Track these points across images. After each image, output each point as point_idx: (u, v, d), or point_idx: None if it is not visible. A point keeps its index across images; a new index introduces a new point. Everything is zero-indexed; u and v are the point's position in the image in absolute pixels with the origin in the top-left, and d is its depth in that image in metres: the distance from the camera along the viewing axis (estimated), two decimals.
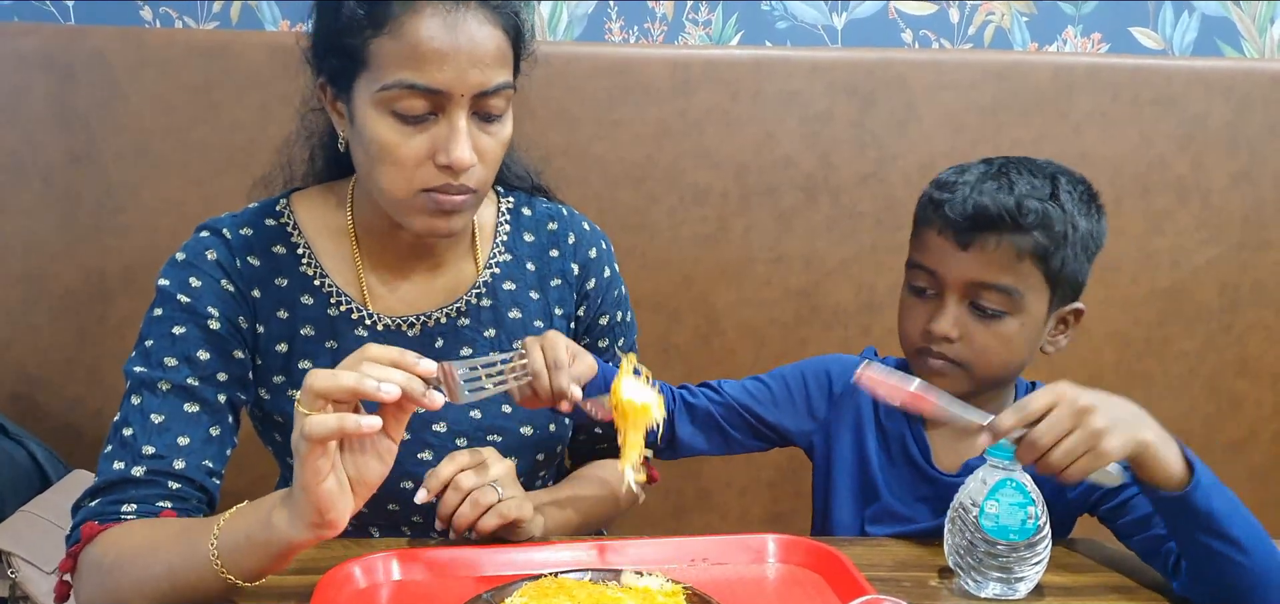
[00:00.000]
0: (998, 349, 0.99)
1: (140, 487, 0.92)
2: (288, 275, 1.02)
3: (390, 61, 0.89)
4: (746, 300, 1.70)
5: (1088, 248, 1.01)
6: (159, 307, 0.98)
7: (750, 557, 0.95)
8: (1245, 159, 1.68)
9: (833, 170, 1.67)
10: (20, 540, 1.38)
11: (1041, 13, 1.74)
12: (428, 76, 0.88)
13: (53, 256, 1.62)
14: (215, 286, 0.99)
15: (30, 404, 1.65)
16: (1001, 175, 1.00)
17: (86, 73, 1.58)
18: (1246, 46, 1.76)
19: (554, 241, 1.12)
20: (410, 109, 0.90)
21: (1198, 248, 1.71)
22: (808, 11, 1.73)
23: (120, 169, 1.61)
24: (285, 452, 1.06)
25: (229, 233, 1.01)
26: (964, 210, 0.97)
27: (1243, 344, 1.74)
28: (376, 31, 0.89)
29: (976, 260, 0.98)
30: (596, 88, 1.62)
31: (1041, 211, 0.97)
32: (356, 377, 0.75)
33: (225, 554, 0.81)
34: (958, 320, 0.99)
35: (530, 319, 1.09)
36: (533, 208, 1.13)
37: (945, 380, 1.01)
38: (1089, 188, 1.03)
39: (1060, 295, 1.01)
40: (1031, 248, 0.97)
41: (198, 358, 0.96)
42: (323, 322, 1.02)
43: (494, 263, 1.09)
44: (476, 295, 1.07)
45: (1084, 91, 1.66)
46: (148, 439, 0.93)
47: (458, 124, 0.90)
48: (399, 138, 0.91)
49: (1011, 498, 0.88)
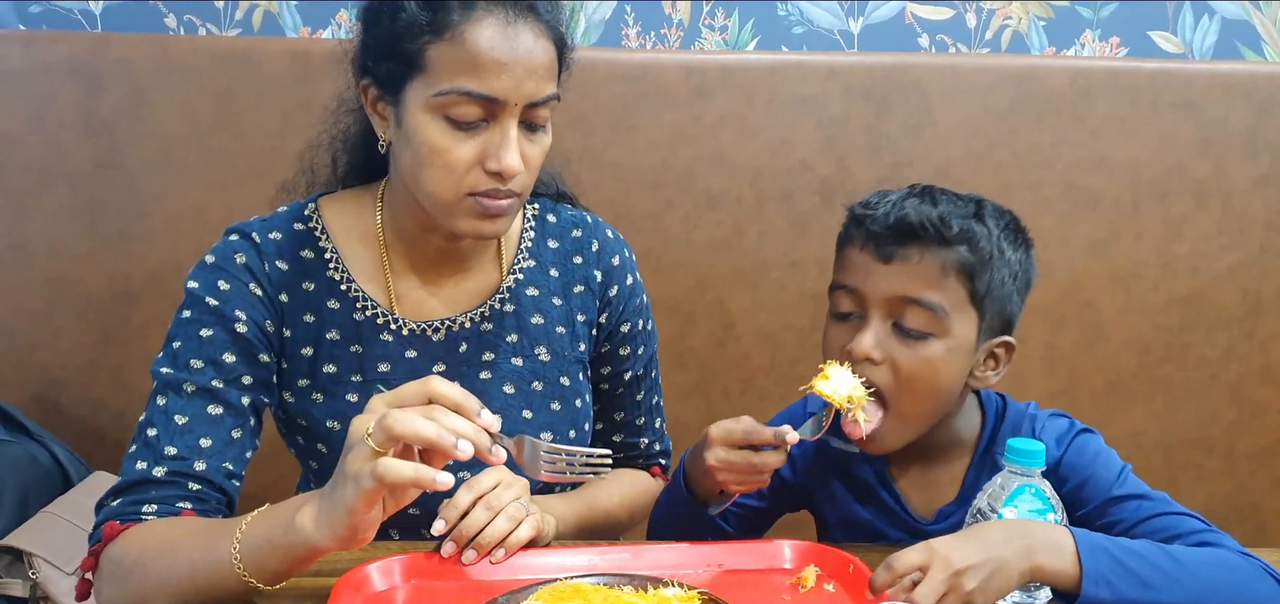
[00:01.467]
0: (923, 375, 0.94)
1: (161, 487, 0.93)
2: (315, 279, 1.03)
3: (448, 68, 0.91)
4: (761, 305, 1.70)
5: (1016, 278, 0.97)
6: (187, 308, 0.99)
7: (765, 562, 0.95)
8: (1267, 163, 1.67)
9: (848, 175, 1.66)
10: (42, 541, 1.40)
11: (1059, 17, 1.73)
12: (485, 85, 0.91)
13: (77, 261, 1.65)
14: (243, 290, 0.99)
15: (54, 406, 1.68)
16: (926, 194, 0.97)
17: (112, 80, 1.60)
18: (1267, 50, 1.74)
19: (578, 248, 1.12)
20: (464, 115, 0.92)
21: (1218, 253, 1.69)
22: (823, 16, 1.72)
23: (144, 175, 1.63)
24: (308, 454, 1.07)
25: (258, 237, 1.02)
26: (887, 223, 0.94)
27: (1266, 351, 1.72)
28: (436, 37, 0.91)
29: (900, 274, 0.94)
30: (613, 93, 1.63)
31: (966, 227, 0.94)
32: (436, 430, 0.75)
33: (246, 556, 0.81)
34: (880, 341, 0.95)
35: (552, 325, 1.10)
36: (558, 214, 1.14)
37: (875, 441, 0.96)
38: (1016, 221, 1.00)
39: (989, 324, 0.96)
40: (956, 263, 0.94)
41: (223, 360, 0.97)
42: (348, 326, 1.03)
43: (518, 269, 1.09)
44: (500, 301, 1.08)
45: (1102, 96, 1.65)
46: (170, 440, 0.94)
47: (509, 132, 0.93)
48: (451, 142, 0.93)
49: (1031, 504, 0.88)
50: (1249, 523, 1.77)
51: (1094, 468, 0.98)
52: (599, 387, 1.17)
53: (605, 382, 1.16)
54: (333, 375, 1.02)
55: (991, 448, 1.02)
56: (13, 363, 1.66)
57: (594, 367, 1.15)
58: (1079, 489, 0.97)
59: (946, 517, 1.03)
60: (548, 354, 1.09)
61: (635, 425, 1.20)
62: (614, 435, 1.20)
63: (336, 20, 1.71)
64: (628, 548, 0.96)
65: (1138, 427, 1.74)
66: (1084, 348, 1.71)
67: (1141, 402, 1.73)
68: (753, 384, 1.71)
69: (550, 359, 1.09)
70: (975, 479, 1.02)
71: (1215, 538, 0.91)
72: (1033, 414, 1.04)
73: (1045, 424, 1.02)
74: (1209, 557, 0.87)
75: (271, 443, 1.13)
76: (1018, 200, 1.65)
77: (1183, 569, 0.84)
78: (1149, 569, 0.84)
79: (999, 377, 1.00)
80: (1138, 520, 0.93)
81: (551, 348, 1.09)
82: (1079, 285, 1.70)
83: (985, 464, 1.02)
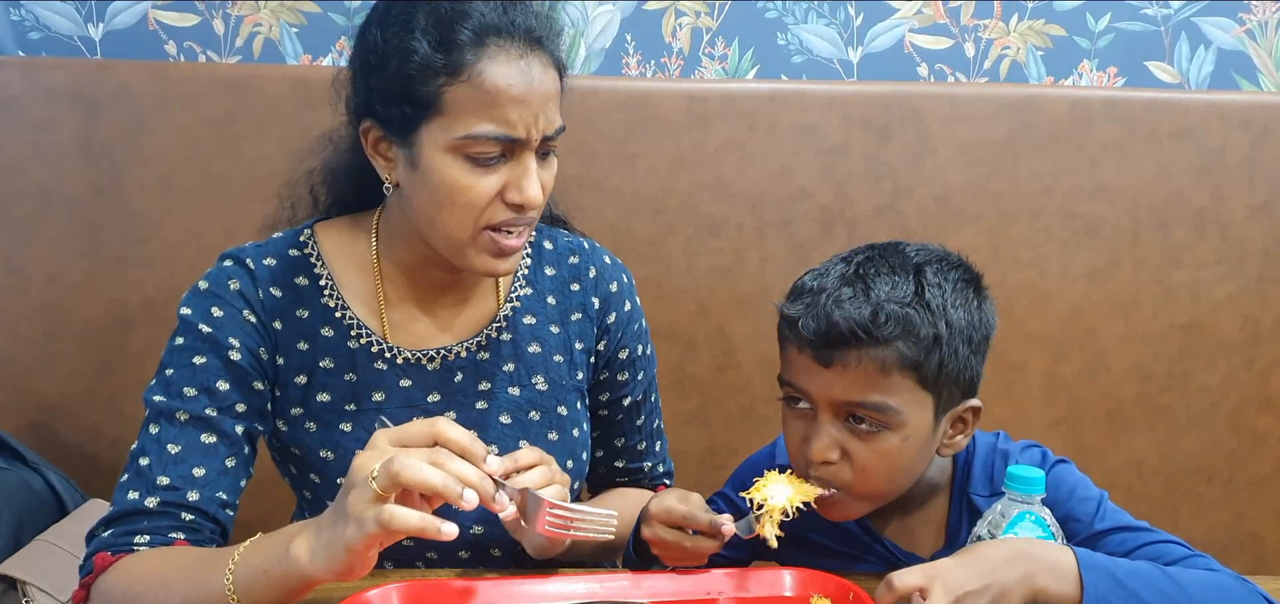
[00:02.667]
0: (881, 466, 0.91)
1: (153, 517, 0.92)
2: (309, 307, 1.02)
3: (467, 109, 0.91)
4: (762, 332, 1.70)
5: (972, 341, 0.91)
6: (181, 336, 0.98)
7: (766, 590, 0.94)
8: (1264, 192, 1.68)
9: (848, 203, 1.67)
10: (35, 569, 1.38)
11: (1057, 47, 1.75)
12: (508, 126, 0.91)
13: (75, 287, 1.64)
14: (237, 317, 0.99)
15: (49, 432, 1.66)
16: (858, 279, 0.91)
17: (112, 106, 1.61)
18: (1263, 80, 1.76)
19: (575, 275, 1.11)
20: (486, 153, 0.92)
21: (1218, 281, 1.69)
22: (823, 46, 1.74)
23: (143, 201, 1.63)
24: (302, 484, 1.06)
25: (253, 262, 1.01)
26: (817, 328, 0.89)
27: (1266, 380, 1.72)
28: (452, 79, 0.90)
29: (840, 378, 0.89)
30: (614, 121, 1.64)
31: (901, 318, 0.87)
32: (443, 480, 0.75)
33: (240, 586, 0.81)
34: (834, 441, 0.91)
35: (550, 353, 1.09)
36: (554, 241, 1.13)
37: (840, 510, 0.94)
38: (965, 271, 0.94)
39: (947, 398, 0.92)
40: (898, 360, 0.88)
41: (217, 388, 0.96)
42: (343, 354, 1.02)
43: (515, 297, 1.09)
44: (497, 329, 1.07)
45: (1101, 124, 1.66)
46: (163, 469, 0.93)
47: (529, 165, 0.93)
48: (473, 180, 0.92)
49: (1031, 532, 0.87)
50: (1249, 552, 1.76)
51: (1071, 503, 0.95)
52: (598, 413, 1.16)
53: (605, 408, 1.16)
54: (326, 404, 1.02)
55: (966, 486, 1.00)
56: (8, 389, 1.65)
57: (593, 393, 1.15)
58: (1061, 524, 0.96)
59: None
60: (545, 383, 1.08)
61: (636, 450, 1.19)
62: (616, 461, 1.19)
63: (337, 47, 1.72)
64: (628, 576, 0.95)
65: (1139, 455, 1.73)
66: (1085, 376, 1.71)
67: (1143, 430, 1.73)
68: (753, 411, 1.70)
69: (547, 388, 1.08)
70: (958, 518, 1.00)
71: (1201, 562, 0.90)
72: (1004, 450, 1.01)
73: (1017, 458, 0.99)
74: (1207, 580, 0.86)
75: (267, 471, 1.12)
76: (1018, 228, 1.67)
77: (1182, 592, 0.83)
78: (1150, 591, 0.83)
79: (967, 438, 0.97)
80: (1123, 553, 0.91)
81: (548, 377, 1.08)
82: (1079, 313, 1.70)
83: (963, 503, 1.00)
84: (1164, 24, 1.74)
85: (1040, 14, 1.74)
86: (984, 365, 0.95)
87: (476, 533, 1.06)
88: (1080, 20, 1.73)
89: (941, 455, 0.97)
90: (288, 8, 1.71)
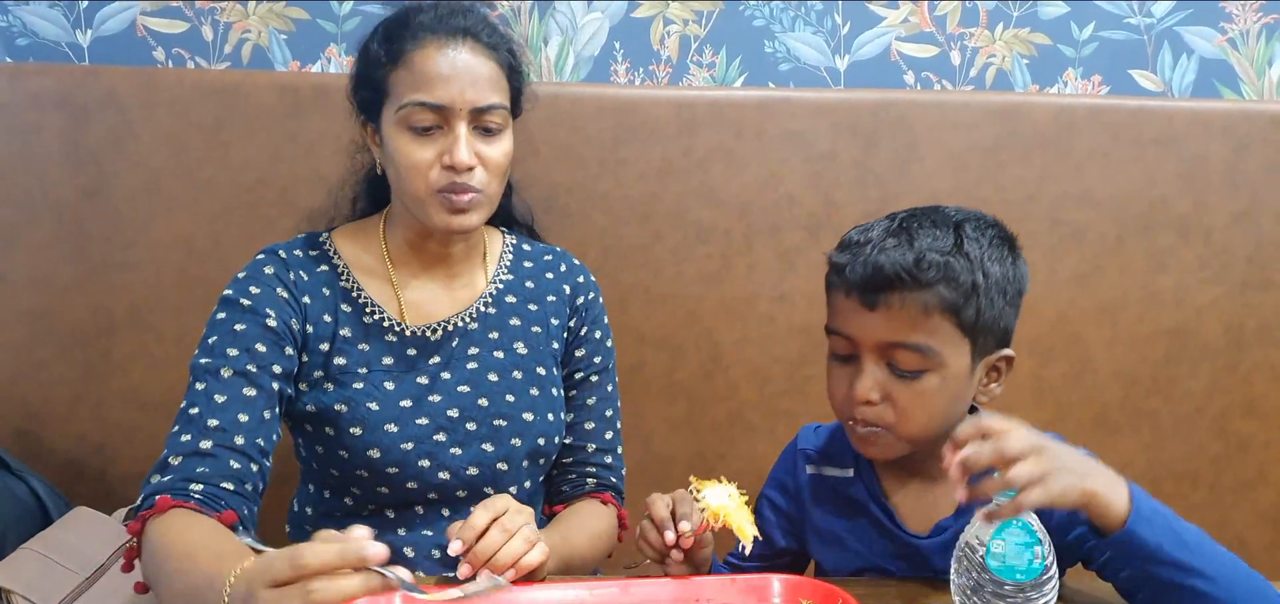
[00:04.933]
0: (922, 407, 0.97)
1: (206, 459, 1.03)
2: (331, 288, 1.19)
3: (404, 87, 1.11)
4: (750, 338, 1.70)
5: (1006, 292, 0.99)
6: (222, 311, 1.14)
7: (754, 597, 0.94)
8: (1246, 199, 1.69)
9: (836, 209, 1.67)
10: (20, 577, 1.37)
11: (1042, 55, 1.76)
12: (433, 94, 1.10)
13: (61, 293, 1.63)
14: (272, 294, 1.15)
15: (34, 440, 1.65)
16: (902, 232, 0.98)
17: (99, 112, 1.60)
18: (1245, 88, 1.77)
19: (549, 268, 1.32)
20: (420, 121, 1.11)
21: (1201, 286, 1.71)
22: (810, 53, 1.75)
23: (130, 207, 1.62)
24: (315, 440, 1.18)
25: (284, 253, 1.19)
26: (864, 273, 0.96)
27: (1249, 384, 1.73)
28: (394, 65, 1.13)
29: (885, 321, 0.96)
30: (602, 127, 1.64)
31: (942, 265, 0.95)
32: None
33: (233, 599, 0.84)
34: (877, 382, 0.98)
35: (529, 325, 1.26)
36: (532, 246, 1.33)
37: (878, 446, 1.00)
38: (1001, 231, 1.01)
39: (982, 345, 0.99)
40: (939, 303, 0.95)
41: (257, 349, 1.11)
42: (358, 327, 1.18)
43: (498, 280, 1.27)
44: (484, 304, 1.25)
45: (1085, 132, 1.68)
46: (212, 414, 1.06)
47: (458, 132, 1.11)
48: (414, 147, 1.11)
49: (1018, 537, 0.88)
50: None
51: None
52: (568, 392, 1.29)
53: (574, 387, 1.29)
54: (342, 366, 1.17)
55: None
56: None
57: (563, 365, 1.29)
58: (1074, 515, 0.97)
59: (942, 531, 1.03)
60: (525, 348, 1.24)
61: (585, 429, 1.28)
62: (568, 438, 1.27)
63: (326, 54, 1.72)
64: (616, 583, 0.95)
65: (1125, 459, 1.74)
66: (1071, 380, 1.72)
67: (1128, 434, 1.74)
68: (741, 417, 1.71)
69: (527, 352, 1.24)
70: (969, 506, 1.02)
71: None
72: None
73: None
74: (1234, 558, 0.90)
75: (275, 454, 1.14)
76: None
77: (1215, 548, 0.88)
78: (1185, 529, 0.88)
79: (1001, 388, 1.03)
80: None
81: (528, 343, 1.25)
82: (1065, 318, 1.71)
83: None
84: (1147, 33, 1.76)
85: (1025, 23, 1.75)
86: (1016, 320, 1.02)
87: None
88: (1065, 29, 1.75)
89: (977, 404, 1.02)
90: (276, 14, 1.71)
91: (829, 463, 1.12)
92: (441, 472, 1.17)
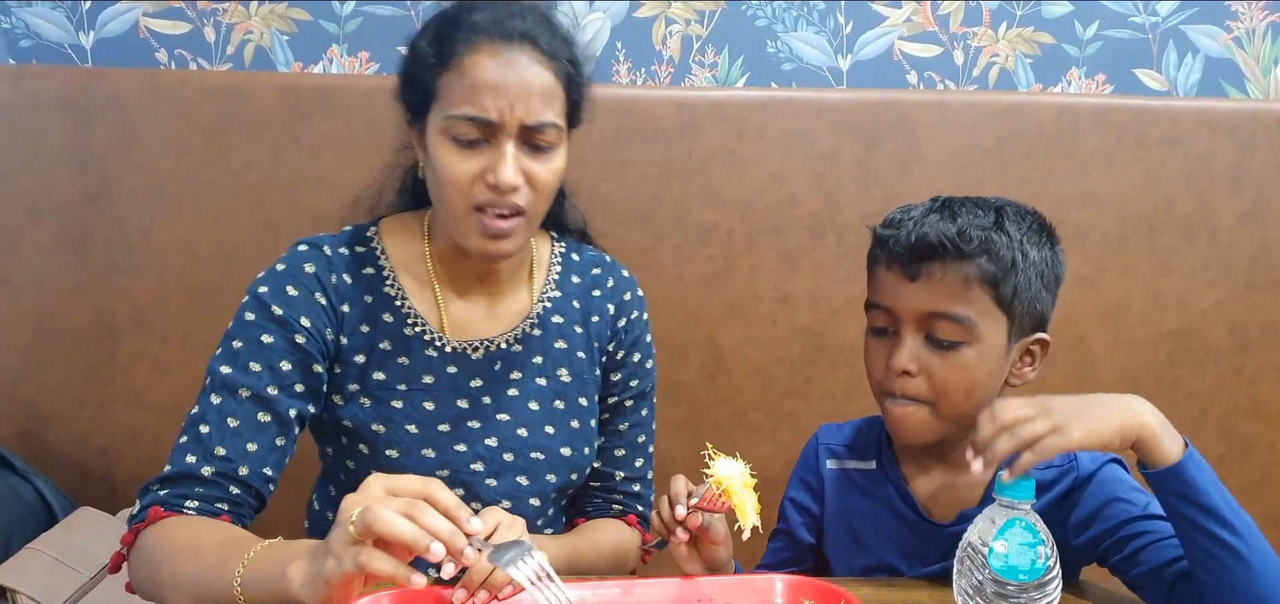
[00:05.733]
0: (958, 381, 0.99)
1: (206, 484, 1.00)
2: (373, 294, 1.12)
3: (453, 94, 1.02)
4: (752, 339, 1.70)
5: (1044, 277, 1.01)
6: (251, 311, 1.06)
7: (757, 597, 0.94)
8: (1251, 199, 1.69)
9: (838, 210, 1.67)
10: (24, 578, 1.38)
11: (1045, 54, 1.75)
12: (482, 108, 1.01)
13: (64, 295, 1.64)
14: (309, 299, 1.07)
15: (38, 441, 1.66)
16: (945, 209, 1.02)
17: (102, 114, 1.60)
18: (1250, 87, 1.77)
19: (597, 283, 1.22)
20: (466, 134, 1.02)
21: (1206, 287, 1.70)
22: (812, 53, 1.74)
23: (133, 209, 1.63)
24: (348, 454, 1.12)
25: (329, 250, 1.11)
26: (908, 242, 0.99)
27: (1254, 386, 1.73)
28: (444, 68, 1.03)
29: (926, 290, 0.99)
30: (603, 128, 1.64)
31: (985, 238, 0.98)
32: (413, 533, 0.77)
33: (247, 586, 0.86)
34: (915, 354, 1.00)
35: (574, 350, 1.18)
36: (581, 254, 1.24)
37: (914, 425, 1.02)
38: (1040, 219, 1.04)
39: (1019, 325, 1.01)
40: (979, 275, 0.98)
41: (280, 368, 1.05)
42: (398, 338, 1.11)
43: (546, 297, 1.19)
44: (530, 325, 1.17)
45: (1089, 131, 1.67)
46: (221, 440, 1.01)
47: (505, 150, 1.01)
48: (457, 160, 1.02)
49: (1021, 537, 0.87)
50: None
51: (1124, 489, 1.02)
52: (601, 415, 1.22)
53: (608, 411, 1.22)
54: (381, 382, 1.10)
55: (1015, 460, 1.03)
56: None
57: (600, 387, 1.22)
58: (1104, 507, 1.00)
59: (967, 519, 1.03)
60: (569, 376, 1.17)
61: (615, 456, 1.22)
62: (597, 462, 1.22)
63: (328, 55, 1.72)
64: (619, 584, 0.95)
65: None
66: (1075, 382, 1.71)
67: None
68: (743, 418, 1.71)
69: (571, 380, 1.17)
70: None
71: None
72: None
73: None
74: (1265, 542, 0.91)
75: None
76: None
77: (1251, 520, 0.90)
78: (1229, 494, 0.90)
79: (1036, 372, 1.05)
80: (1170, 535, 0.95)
81: (572, 370, 1.17)
82: (1068, 320, 1.70)
83: None
84: (1152, 32, 1.75)
85: (1029, 22, 1.75)
86: (1053, 308, 1.04)
87: None
88: (1069, 28, 1.74)
89: (1011, 385, 1.04)
90: (279, 16, 1.71)
91: (852, 456, 1.14)
92: (474, 502, 1.11)
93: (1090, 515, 0.99)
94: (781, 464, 1.64)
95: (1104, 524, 0.98)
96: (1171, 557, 0.94)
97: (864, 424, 1.16)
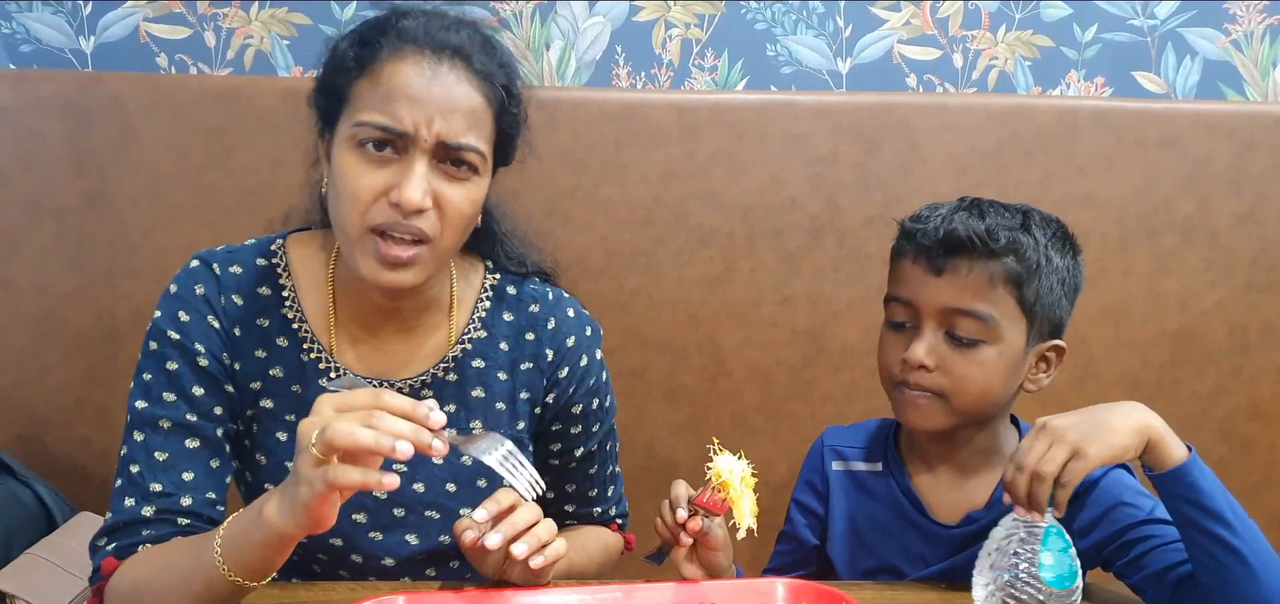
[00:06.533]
0: (975, 378, 1.00)
1: (151, 525, 0.95)
2: (270, 316, 1.03)
3: (365, 102, 0.92)
4: (753, 341, 1.70)
5: (1065, 284, 1.02)
6: (153, 340, 1.00)
7: (759, 601, 0.94)
8: (1250, 200, 1.69)
9: (838, 212, 1.67)
10: (25, 583, 1.37)
11: (1045, 57, 1.76)
12: (395, 117, 0.91)
13: (64, 298, 1.64)
14: (202, 323, 1.00)
15: (38, 445, 1.66)
16: (974, 207, 1.03)
17: (103, 118, 1.60)
18: (1249, 90, 1.77)
19: (532, 324, 1.09)
20: (372, 139, 0.92)
21: (1206, 289, 1.70)
22: (812, 57, 1.75)
23: (133, 212, 1.63)
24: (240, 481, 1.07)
25: (219, 269, 1.02)
26: (936, 237, 1.00)
27: (1254, 387, 1.73)
28: (361, 73, 0.93)
29: (950, 286, 0.99)
30: (604, 132, 1.64)
31: (1012, 238, 0.99)
32: (374, 438, 0.76)
33: (228, 555, 0.84)
34: (933, 349, 1.00)
35: (493, 400, 1.07)
36: (519, 288, 1.10)
37: (924, 412, 1.02)
38: (1064, 228, 1.05)
39: (1038, 329, 1.01)
40: (1004, 274, 0.98)
41: (193, 394, 0.98)
42: (293, 365, 1.02)
43: (467, 338, 1.07)
44: (444, 369, 1.05)
45: (1088, 134, 1.67)
46: (154, 477, 0.96)
47: (414, 165, 0.91)
48: (360, 171, 0.92)
49: (1059, 544, 0.88)
50: None
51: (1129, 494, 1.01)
52: (549, 462, 1.14)
53: (556, 458, 1.14)
54: (268, 411, 1.03)
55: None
56: None
57: (542, 442, 1.13)
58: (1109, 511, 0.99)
59: (973, 522, 1.03)
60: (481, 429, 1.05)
61: (587, 496, 1.18)
62: (566, 505, 1.18)
63: None
64: (620, 587, 0.95)
65: None
66: (1075, 383, 1.71)
67: None
68: (744, 420, 1.71)
69: None
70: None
71: None
72: None
73: None
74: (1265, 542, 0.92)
75: None
76: None
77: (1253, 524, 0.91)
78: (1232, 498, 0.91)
79: (1050, 378, 1.05)
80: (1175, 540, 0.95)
81: (487, 423, 1.06)
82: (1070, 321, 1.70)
83: None
84: (1151, 35, 1.75)
85: (1028, 25, 1.75)
86: (1069, 317, 1.05)
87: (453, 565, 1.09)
88: (1068, 31, 1.75)
89: (1026, 389, 1.04)
90: (279, 20, 1.71)
91: (857, 457, 1.14)
92: (354, 554, 1.03)
93: (1095, 520, 0.99)
94: (783, 466, 1.65)
95: (1109, 528, 0.98)
96: (1175, 560, 0.94)
97: (870, 426, 1.16)
